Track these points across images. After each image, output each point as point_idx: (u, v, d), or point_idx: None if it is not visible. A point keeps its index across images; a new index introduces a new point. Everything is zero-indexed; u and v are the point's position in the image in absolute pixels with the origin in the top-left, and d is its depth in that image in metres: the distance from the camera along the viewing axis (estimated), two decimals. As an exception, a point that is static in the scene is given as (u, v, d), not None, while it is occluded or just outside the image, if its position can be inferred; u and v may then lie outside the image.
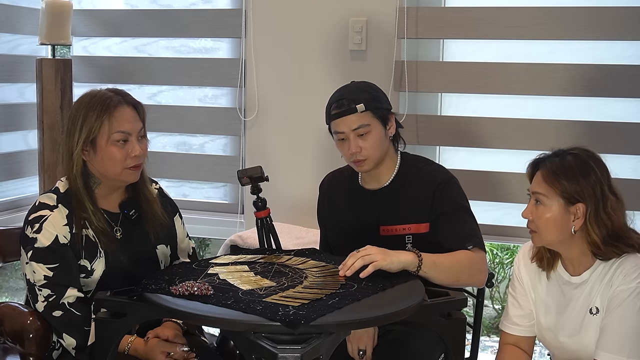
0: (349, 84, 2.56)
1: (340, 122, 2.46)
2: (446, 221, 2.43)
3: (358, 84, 2.55)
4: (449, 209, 2.44)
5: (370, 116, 2.45)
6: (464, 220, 2.45)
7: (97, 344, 2.10)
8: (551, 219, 2.15)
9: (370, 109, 2.45)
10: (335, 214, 2.63)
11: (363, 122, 2.44)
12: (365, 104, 2.44)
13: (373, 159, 2.48)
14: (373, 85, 2.55)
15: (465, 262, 2.36)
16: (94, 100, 2.30)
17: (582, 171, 2.13)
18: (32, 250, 2.25)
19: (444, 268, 2.30)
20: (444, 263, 2.31)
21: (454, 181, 2.51)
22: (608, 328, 2.13)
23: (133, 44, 3.84)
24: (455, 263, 2.34)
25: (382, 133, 2.48)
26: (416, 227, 2.47)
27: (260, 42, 3.52)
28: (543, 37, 3.14)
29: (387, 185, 2.55)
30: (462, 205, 2.48)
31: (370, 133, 2.45)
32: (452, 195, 2.47)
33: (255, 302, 1.95)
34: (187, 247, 2.58)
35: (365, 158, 2.46)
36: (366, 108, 2.44)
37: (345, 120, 2.45)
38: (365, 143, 2.45)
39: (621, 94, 3.08)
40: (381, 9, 3.30)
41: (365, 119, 2.45)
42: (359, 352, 2.36)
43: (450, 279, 2.32)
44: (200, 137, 3.78)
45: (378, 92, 2.52)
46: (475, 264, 2.38)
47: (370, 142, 2.45)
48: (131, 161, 2.30)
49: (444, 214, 2.44)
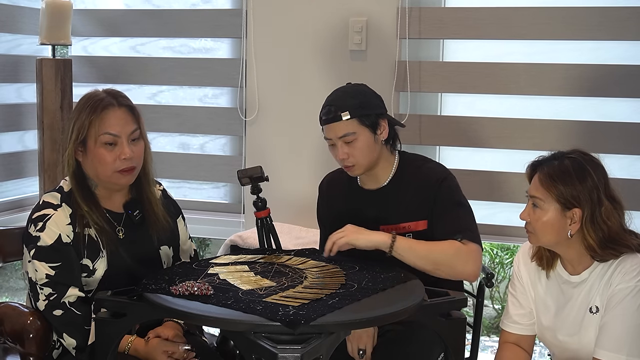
0: (342, 87, 2.54)
1: (327, 128, 2.46)
2: (440, 215, 2.43)
3: (348, 88, 2.53)
4: (444, 205, 2.44)
5: (357, 124, 2.43)
6: (457, 215, 2.44)
7: (97, 343, 2.10)
8: (548, 222, 2.15)
9: (356, 117, 2.43)
10: (335, 214, 2.63)
11: (348, 131, 2.43)
12: (351, 112, 2.42)
13: (361, 164, 2.48)
14: (364, 90, 2.52)
15: (448, 251, 2.35)
16: (87, 101, 2.31)
17: (578, 176, 2.13)
18: (35, 249, 2.26)
19: (421, 253, 2.32)
20: (421, 249, 2.33)
21: (451, 178, 2.51)
22: (607, 326, 2.13)
23: (133, 43, 3.84)
24: (434, 250, 2.34)
25: (370, 139, 2.46)
26: (415, 224, 2.47)
27: (260, 42, 3.52)
28: (543, 37, 3.15)
29: (385, 185, 2.55)
30: (457, 201, 2.47)
31: (356, 140, 2.44)
32: (448, 191, 2.47)
33: (255, 302, 1.95)
34: (189, 249, 2.58)
35: (354, 164, 2.47)
36: (351, 116, 2.42)
37: (332, 128, 2.45)
38: (352, 150, 2.44)
39: (621, 94, 3.08)
40: (381, 9, 3.30)
41: (350, 127, 2.43)
42: (359, 351, 2.36)
43: (428, 266, 2.33)
44: (201, 137, 3.78)
45: (368, 98, 2.49)
46: (460, 255, 2.36)
47: (357, 149, 2.45)
48: (121, 164, 2.29)
49: (439, 210, 2.44)
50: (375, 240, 2.34)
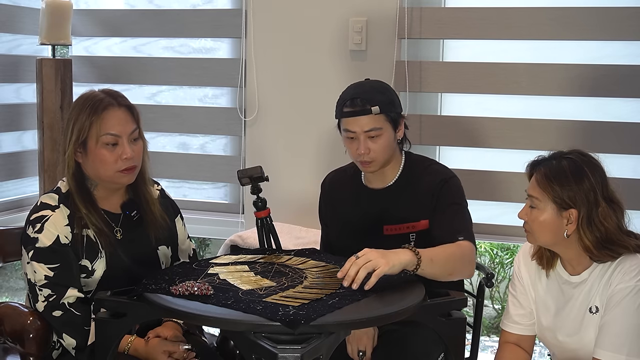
0: (363, 81, 2.53)
1: (353, 121, 2.43)
2: (441, 214, 2.43)
3: (374, 83, 2.52)
4: (445, 204, 2.45)
5: (384, 119, 2.43)
6: (455, 215, 2.44)
7: (97, 344, 2.10)
8: (544, 222, 2.16)
9: (384, 112, 2.43)
10: (338, 213, 2.63)
11: (376, 125, 2.42)
12: (381, 106, 2.42)
13: (379, 161, 2.47)
14: (389, 87, 2.53)
15: (458, 255, 2.35)
16: (85, 101, 2.31)
17: (575, 177, 2.13)
18: (34, 250, 2.26)
19: (440, 263, 2.27)
20: (440, 258, 2.28)
21: (455, 180, 2.51)
22: (607, 326, 2.13)
23: (133, 43, 3.84)
24: (449, 256, 2.32)
25: (392, 137, 2.47)
26: (418, 224, 2.47)
27: (260, 42, 3.52)
28: (543, 37, 3.14)
29: (391, 185, 2.55)
30: (457, 203, 2.47)
31: (381, 136, 2.43)
32: (450, 192, 2.47)
33: (255, 302, 1.95)
34: (187, 248, 2.58)
35: (372, 160, 2.46)
36: (381, 111, 2.42)
37: (358, 121, 2.42)
38: (374, 145, 2.44)
39: (621, 94, 3.08)
40: (381, 9, 3.30)
41: (378, 122, 2.42)
42: (359, 352, 2.36)
43: (444, 273, 2.30)
44: (201, 137, 3.78)
45: (393, 95, 2.50)
46: (466, 256, 2.36)
47: (379, 145, 2.44)
48: (123, 164, 2.30)
49: (440, 209, 2.44)
50: (404, 261, 2.15)
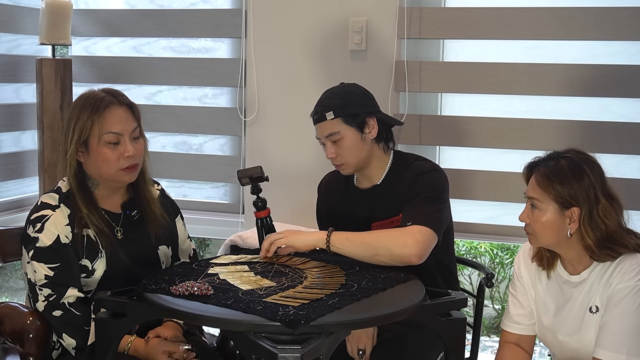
0: (333, 87, 2.58)
1: (317, 128, 2.52)
2: (406, 206, 2.41)
3: (337, 89, 2.56)
4: (412, 196, 2.42)
5: (341, 123, 2.47)
6: (418, 204, 2.39)
7: (97, 344, 2.10)
8: (547, 223, 2.15)
9: (340, 116, 2.46)
10: (331, 214, 2.65)
11: (333, 130, 2.47)
12: (335, 111, 2.46)
13: (350, 164, 2.50)
14: (352, 90, 2.54)
15: (386, 236, 2.33)
16: (86, 101, 2.31)
17: (575, 175, 2.13)
18: (34, 250, 2.25)
19: (357, 242, 2.31)
20: (357, 238, 2.32)
21: (431, 174, 2.48)
22: (607, 326, 2.13)
23: (133, 43, 3.84)
24: (372, 237, 2.33)
25: (356, 138, 2.48)
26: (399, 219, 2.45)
27: (260, 42, 3.52)
28: (543, 37, 3.14)
29: (378, 184, 2.56)
30: (424, 192, 2.42)
31: (343, 139, 2.47)
32: (420, 184, 2.44)
33: (255, 302, 1.95)
34: (188, 248, 2.58)
35: (342, 163, 2.51)
36: (335, 115, 2.46)
37: (319, 127, 2.51)
38: (339, 149, 2.48)
39: (621, 94, 3.08)
40: (381, 9, 3.30)
41: (335, 127, 2.47)
42: (359, 352, 2.36)
43: (367, 253, 2.30)
44: (200, 137, 3.78)
45: (353, 97, 2.51)
46: (399, 237, 2.30)
47: (344, 148, 2.48)
48: (125, 162, 2.30)
49: (408, 201, 2.42)
50: (312, 239, 2.36)
